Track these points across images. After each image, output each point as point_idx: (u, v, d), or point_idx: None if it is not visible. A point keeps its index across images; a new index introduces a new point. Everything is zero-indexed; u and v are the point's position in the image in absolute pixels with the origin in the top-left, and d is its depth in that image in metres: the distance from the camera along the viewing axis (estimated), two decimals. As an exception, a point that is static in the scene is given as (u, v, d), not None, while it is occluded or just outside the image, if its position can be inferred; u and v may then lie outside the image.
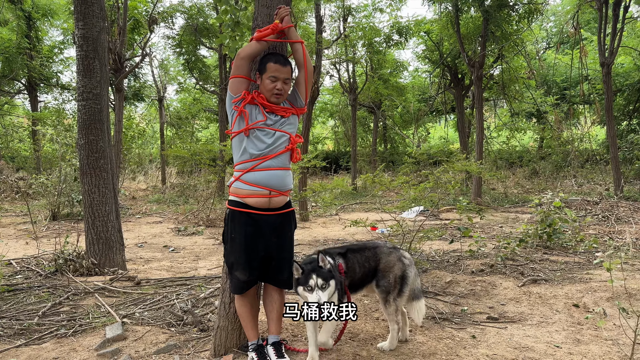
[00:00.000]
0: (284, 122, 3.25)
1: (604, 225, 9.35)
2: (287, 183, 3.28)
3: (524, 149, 22.68)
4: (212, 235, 9.47)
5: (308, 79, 3.37)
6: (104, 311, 4.52)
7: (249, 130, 3.14)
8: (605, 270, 5.42)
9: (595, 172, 17.46)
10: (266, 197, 3.18)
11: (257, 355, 3.23)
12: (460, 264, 6.03)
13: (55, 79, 19.32)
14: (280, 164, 3.22)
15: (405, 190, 5.73)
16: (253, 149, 3.15)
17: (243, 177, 3.18)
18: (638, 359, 3.22)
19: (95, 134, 5.97)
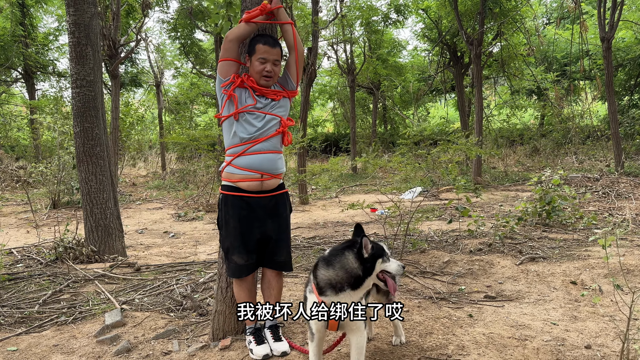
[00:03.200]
0: (275, 105, 3.22)
1: (604, 202, 9.34)
2: (279, 166, 3.27)
3: (524, 126, 22.56)
4: (212, 220, 9.49)
5: (299, 61, 3.33)
6: (104, 298, 4.55)
7: (239, 114, 3.11)
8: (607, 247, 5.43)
9: (596, 149, 17.38)
10: (258, 181, 3.16)
11: (254, 338, 3.25)
12: (458, 244, 6.04)
13: (52, 67, 19.20)
14: (271, 147, 3.19)
15: (401, 170, 5.71)
16: (243, 132, 3.12)
17: (234, 162, 3.16)
18: (633, 334, 3.23)
19: (90, 122, 5.94)
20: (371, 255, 2.60)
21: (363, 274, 2.58)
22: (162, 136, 17.46)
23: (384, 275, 2.65)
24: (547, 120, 21.49)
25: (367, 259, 2.59)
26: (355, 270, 2.59)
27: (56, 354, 3.38)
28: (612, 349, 3.22)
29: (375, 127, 21.48)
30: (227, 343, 3.39)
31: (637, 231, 6.59)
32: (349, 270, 2.59)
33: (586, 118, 19.91)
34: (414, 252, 5.67)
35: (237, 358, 3.19)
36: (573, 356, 3.16)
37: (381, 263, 2.63)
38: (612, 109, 12.82)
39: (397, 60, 20.33)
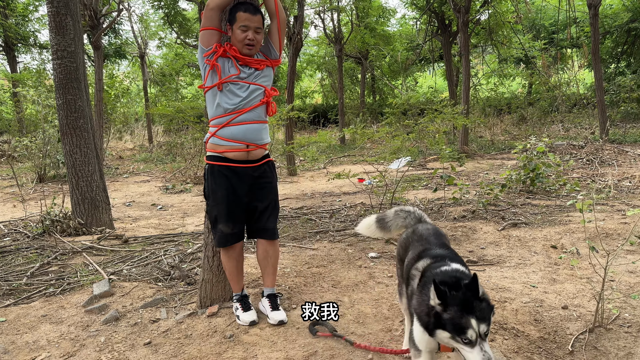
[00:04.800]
0: (258, 75, 3.20)
1: (588, 169, 9.48)
2: (264, 136, 3.27)
3: (512, 95, 22.60)
4: (200, 193, 9.49)
5: (281, 28, 3.31)
6: (92, 269, 4.58)
7: (222, 84, 3.10)
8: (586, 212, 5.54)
9: (582, 116, 17.51)
10: (244, 151, 3.17)
11: (241, 305, 3.31)
12: (443, 211, 6.12)
13: (33, 39, 18.76)
14: (256, 117, 3.19)
15: (388, 141, 5.74)
16: (227, 103, 3.11)
17: (219, 133, 3.16)
18: (608, 294, 3.34)
19: (73, 93, 5.87)
20: (435, 314, 1.89)
21: (426, 327, 1.95)
22: (147, 109, 17.24)
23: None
24: (534, 88, 21.52)
25: (431, 313, 1.91)
26: (424, 316, 1.96)
27: (45, 324, 3.42)
28: (587, 309, 3.33)
29: (364, 97, 21.38)
30: (215, 310, 3.45)
31: (618, 197, 6.72)
32: (421, 311, 1.98)
33: (573, 86, 19.96)
34: (399, 220, 5.75)
35: (224, 324, 3.26)
36: (550, 316, 3.26)
37: (451, 339, 1.87)
38: (598, 77, 12.87)
39: (385, 29, 20.09)
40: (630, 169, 8.98)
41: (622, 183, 7.74)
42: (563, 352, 2.88)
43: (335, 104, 23.25)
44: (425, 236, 2.47)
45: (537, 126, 17.07)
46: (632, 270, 3.88)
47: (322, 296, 3.60)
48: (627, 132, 13.50)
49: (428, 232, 2.51)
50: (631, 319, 3.17)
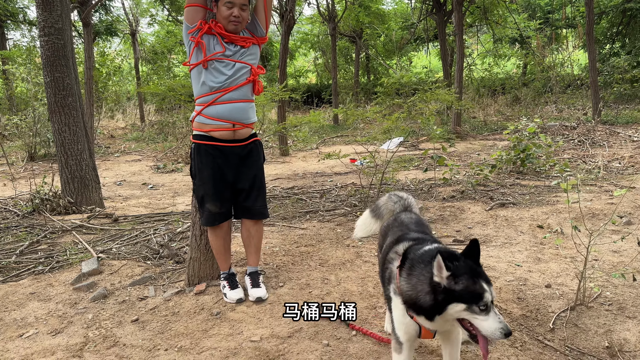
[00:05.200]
0: (244, 53, 3.18)
1: (579, 150, 9.51)
2: (251, 116, 3.26)
3: (506, 76, 22.51)
4: (192, 172, 9.47)
5: (267, 5, 3.27)
6: (82, 248, 4.59)
7: (207, 62, 3.07)
8: (574, 192, 5.58)
9: (576, 97, 17.49)
10: (230, 130, 3.16)
11: (228, 283, 3.34)
12: (432, 192, 6.15)
13: (22, 15, 18.42)
14: (242, 96, 3.17)
15: (380, 121, 5.72)
16: (212, 81, 3.09)
17: (205, 112, 3.14)
18: (590, 273, 3.39)
19: (61, 71, 5.80)
20: (445, 290, 1.76)
21: (430, 308, 1.80)
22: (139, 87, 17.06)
23: (474, 327, 1.79)
24: (529, 69, 21.44)
25: (439, 291, 1.77)
26: (424, 298, 1.82)
27: (33, 301, 3.44)
28: (570, 287, 3.38)
29: (358, 77, 21.24)
30: (202, 288, 3.48)
31: (607, 177, 6.76)
32: (418, 294, 1.83)
33: (567, 67, 19.91)
34: (388, 200, 5.77)
35: (211, 302, 3.29)
36: (533, 294, 3.31)
37: (463, 311, 1.76)
38: (592, 57, 12.84)
39: (380, 7, 19.87)
40: (620, 150, 9.03)
41: (611, 164, 7.78)
42: (544, 329, 2.93)
43: (328, 84, 23.10)
44: (406, 223, 2.45)
45: (530, 107, 17.04)
46: (615, 250, 3.93)
47: (309, 274, 3.63)
48: (620, 114, 13.52)
49: (410, 220, 2.49)
50: (612, 297, 3.22)
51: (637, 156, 8.25)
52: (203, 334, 2.89)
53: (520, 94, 18.65)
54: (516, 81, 20.62)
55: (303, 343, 2.70)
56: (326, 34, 20.32)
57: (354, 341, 2.71)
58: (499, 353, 2.59)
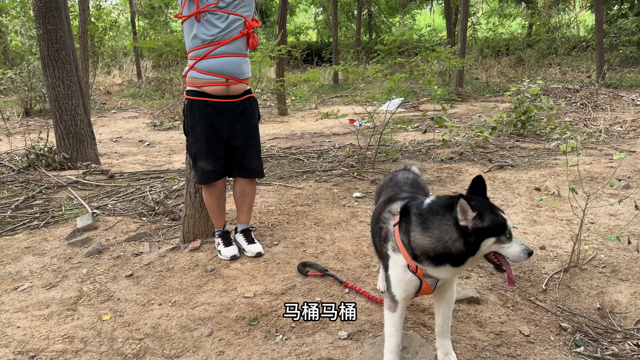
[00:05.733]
0: (238, 5, 3.06)
1: (581, 113, 9.40)
2: (245, 70, 3.17)
3: (511, 36, 22.05)
4: (190, 129, 9.38)
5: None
6: (77, 204, 4.57)
7: (200, 13, 2.96)
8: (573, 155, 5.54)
9: (580, 60, 17.18)
10: (224, 85, 3.08)
11: (222, 240, 3.33)
12: (431, 153, 6.10)
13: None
14: (235, 50, 3.07)
15: (380, 80, 5.61)
16: (204, 34, 2.98)
17: (197, 65, 3.05)
18: (585, 236, 3.38)
19: (54, 23, 5.65)
20: (475, 230, 1.78)
21: (465, 252, 1.82)
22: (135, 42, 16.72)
23: (499, 258, 1.85)
24: (534, 29, 20.98)
25: (469, 233, 1.79)
26: (454, 245, 1.82)
27: (28, 255, 3.45)
28: (564, 249, 3.38)
29: (360, 35, 20.79)
30: (197, 245, 3.48)
31: (608, 141, 6.70)
32: (446, 243, 1.83)
33: (573, 28, 19.47)
34: (386, 161, 5.73)
35: (205, 258, 3.29)
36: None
37: (494, 244, 1.81)
38: (598, 18, 12.54)
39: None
40: (622, 114, 8.92)
41: (613, 128, 7.70)
42: (536, 290, 2.95)
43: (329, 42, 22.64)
44: (400, 183, 2.42)
45: (534, 69, 16.75)
46: (612, 213, 3.92)
47: (304, 233, 3.63)
48: (624, 77, 13.30)
49: (405, 180, 2.45)
50: (606, 260, 3.23)
51: (639, 120, 8.16)
52: (197, 290, 2.90)
53: (524, 55, 18.31)
54: (521, 42, 20.20)
55: (296, 299, 2.71)
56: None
57: (346, 299, 2.72)
58: (490, 312, 2.60)
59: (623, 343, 2.49)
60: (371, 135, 5.44)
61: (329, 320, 2.50)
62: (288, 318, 2.53)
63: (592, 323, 2.66)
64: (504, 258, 1.85)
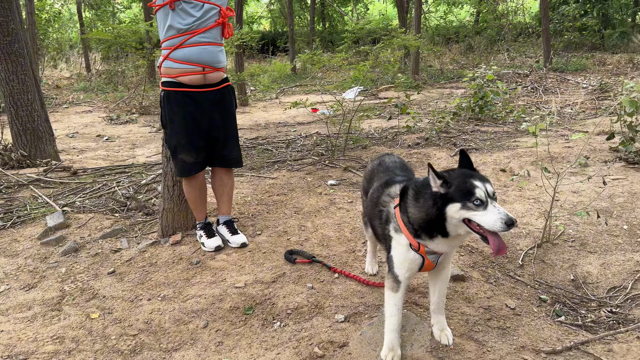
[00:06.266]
0: (213, -7, 3.02)
1: (533, 96, 9.79)
2: (221, 59, 3.14)
3: (460, 24, 22.59)
4: (147, 123, 9.16)
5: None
6: (42, 202, 4.41)
7: (174, 2, 2.90)
8: (531, 137, 5.77)
9: (527, 45, 17.82)
10: (200, 74, 3.04)
11: (205, 232, 3.31)
12: (398, 139, 6.22)
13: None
14: (211, 38, 3.04)
15: (345, 69, 5.65)
16: (179, 23, 2.93)
17: (172, 55, 2.99)
18: (555, 212, 3.56)
19: (4, 15, 5.37)
20: (441, 196, 1.87)
21: (436, 218, 1.90)
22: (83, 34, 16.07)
23: (481, 229, 1.85)
24: (482, 17, 21.56)
25: (437, 198, 1.88)
26: (430, 211, 1.91)
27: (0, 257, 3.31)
28: (535, 226, 3.55)
29: (314, 24, 20.76)
30: (178, 238, 3.44)
31: (561, 123, 7.02)
32: (427, 210, 1.93)
33: (519, 15, 20.14)
34: (355, 148, 5.81)
35: (189, 252, 3.26)
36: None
37: (460, 210, 1.84)
38: (544, 5, 13.03)
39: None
40: (571, 97, 9.35)
41: (564, 110, 8.07)
42: (514, 266, 3.09)
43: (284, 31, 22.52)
44: (391, 168, 2.48)
45: (484, 55, 17.26)
46: (575, 191, 4.14)
47: (286, 222, 3.65)
48: (569, 61, 13.91)
49: (394, 165, 2.52)
50: (574, 235, 3.42)
51: (587, 102, 8.59)
52: (185, 283, 2.88)
53: (473, 42, 18.82)
54: (469, 29, 20.75)
55: (288, 287, 2.74)
56: (280, -22, 19.61)
57: (337, 283, 2.77)
58: (476, 289, 2.72)
59: (598, 311, 2.65)
60: (341, 123, 5.49)
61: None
62: (283, 305, 2.56)
63: (568, 294, 2.82)
64: (485, 228, 1.84)
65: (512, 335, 2.30)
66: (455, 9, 22.62)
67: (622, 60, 13.19)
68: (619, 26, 17.81)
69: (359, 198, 4.17)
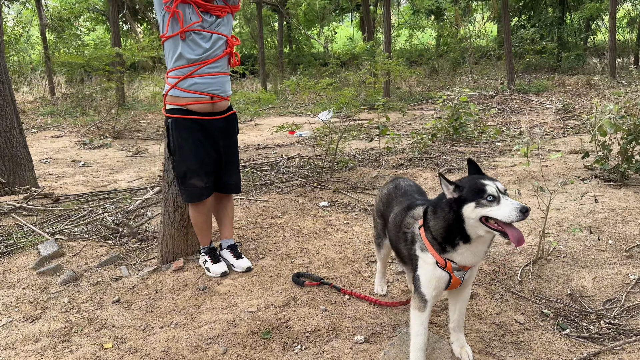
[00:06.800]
0: (220, 23, 3.08)
1: (501, 117, 10.17)
2: (227, 89, 3.20)
3: (424, 47, 23.29)
4: (123, 147, 9.02)
5: (241, -28, 3.18)
6: (28, 230, 4.29)
7: (185, 32, 2.94)
8: (508, 157, 6.00)
9: (488, 68, 18.53)
10: (209, 103, 3.08)
11: (210, 257, 3.30)
12: (381, 160, 6.35)
13: None
14: (219, 68, 3.09)
15: (329, 93, 5.77)
16: (190, 53, 2.97)
17: (181, 84, 3.02)
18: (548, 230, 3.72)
19: (-20, 39, 5.26)
20: (456, 199, 2.00)
21: (455, 221, 2.01)
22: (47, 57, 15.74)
23: (499, 224, 1.95)
24: (443, 40, 22.29)
25: (452, 203, 2.01)
26: (448, 217, 2.03)
27: (-4, 289, 3.21)
28: (528, 243, 3.70)
29: (282, 47, 20.99)
30: (180, 264, 3.42)
31: (532, 142, 7.32)
32: (445, 218, 2.05)
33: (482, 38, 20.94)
34: (342, 170, 5.90)
35: (193, 277, 3.24)
36: (497, 252, 3.60)
37: (475, 208, 1.95)
38: (506, 30, 13.63)
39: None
40: (537, 117, 9.77)
41: (533, 130, 8.42)
42: (514, 282, 3.21)
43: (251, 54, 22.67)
44: (409, 192, 2.58)
45: (448, 77, 17.84)
46: (558, 208, 4.33)
47: (287, 245, 3.68)
48: (531, 82, 14.54)
49: (411, 189, 2.62)
50: (565, 250, 3.58)
51: (553, 122, 8.99)
52: (196, 309, 2.87)
53: (437, 65, 19.42)
54: (433, 52, 21.42)
55: (301, 310, 2.77)
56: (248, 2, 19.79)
57: (349, 304, 2.82)
58: (485, 305, 2.81)
59: (598, 322, 2.79)
60: (328, 144, 5.58)
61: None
62: (300, 328, 2.59)
63: (568, 307, 2.96)
64: (502, 222, 1.94)
65: (526, 350, 2.40)
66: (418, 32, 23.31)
67: (579, 82, 13.87)
68: (573, 49, 18.76)
69: (354, 219, 4.25)
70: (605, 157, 5.01)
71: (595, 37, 21.18)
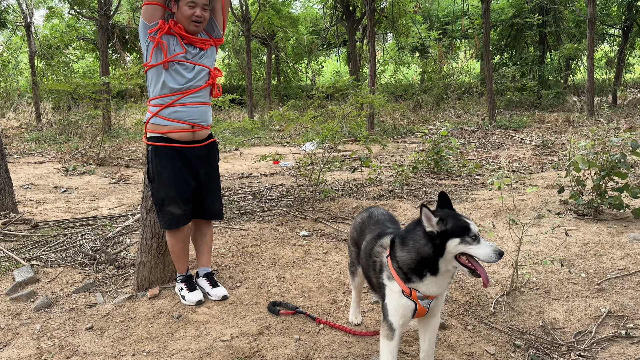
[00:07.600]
0: (203, 55, 3.17)
1: (481, 152, 10.37)
2: (208, 118, 3.26)
3: (408, 82, 23.81)
4: (106, 174, 9.01)
5: (225, 5, 3.30)
6: (4, 256, 4.24)
7: (168, 62, 3.02)
8: (486, 190, 6.11)
9: (471, 104, 18.96)
10: (190, 132, 3.14)
11: (186, 285, 3.30)
12: (362, 191, 6.43)
13: None
14: (201, 98, 3.16)
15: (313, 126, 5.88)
16: (173, 83, 3.04)
17: (162, 113, 3.08)
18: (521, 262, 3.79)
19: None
20: (440, 233, 2.04)
21: (433, 254, 2.06)
22: (35, 84, 15.78)
23: (472, 262, 2.05)
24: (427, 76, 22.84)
25: (435, 236, 2.05)
26: (424, 250, 2.07)
27: (-33, 315, 3.16)
28: (502, 275, 3.76)
29: (270, 79, 21.31)
30: (156, 292, 3.41)
31: (511, 176, 7.47)
32: (419, 250, 2.08)
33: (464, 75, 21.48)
34: (324, 200, 5.95)
35: (168, 305, 3.23)
36: (471, 283, 3.65)
37: (459, 244, 2.02)
38: (488, 67, 14.02)
39: (289, 10, 20.12)
40: (517, 152, 9.98)
41: (512, 164, 8.60)
42: (487, 313, 3.25)
43: (239, 85, 22.96)
44: (381, 221, 2.64)
45: (431, 112, 18.19)
46: (533, 241, 4.41)
47: (264, 274, 3.69)
48: (512, 118, 14.89)
49: (384, 217, 2.67)
50: (538, 283, 3.64)
51: (532, 157, 9.19)
52: (169, 337, 2.85)
53: (421, 99, 19.83)
54: (417, 87, 21.90)
55: (275, 339, 2.77)
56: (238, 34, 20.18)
57: (323, 334, 2.83)
58: (457, 336, 2.84)
59: (569, 354, 2.83)
60: (310, 174, 5.65)
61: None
62: (273, 357, 2.59)
63: (539, 339, 3.00)
64: (476, 261, 2.05)
65: (496, 380, 2.42)
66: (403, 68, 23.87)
67: (559, 119, 14.24)
68: (553, 87, 19.31)
69: (333, 249, 4.28)
70: (580, 192, 5.14)
71: (575, 76, 21.87)
